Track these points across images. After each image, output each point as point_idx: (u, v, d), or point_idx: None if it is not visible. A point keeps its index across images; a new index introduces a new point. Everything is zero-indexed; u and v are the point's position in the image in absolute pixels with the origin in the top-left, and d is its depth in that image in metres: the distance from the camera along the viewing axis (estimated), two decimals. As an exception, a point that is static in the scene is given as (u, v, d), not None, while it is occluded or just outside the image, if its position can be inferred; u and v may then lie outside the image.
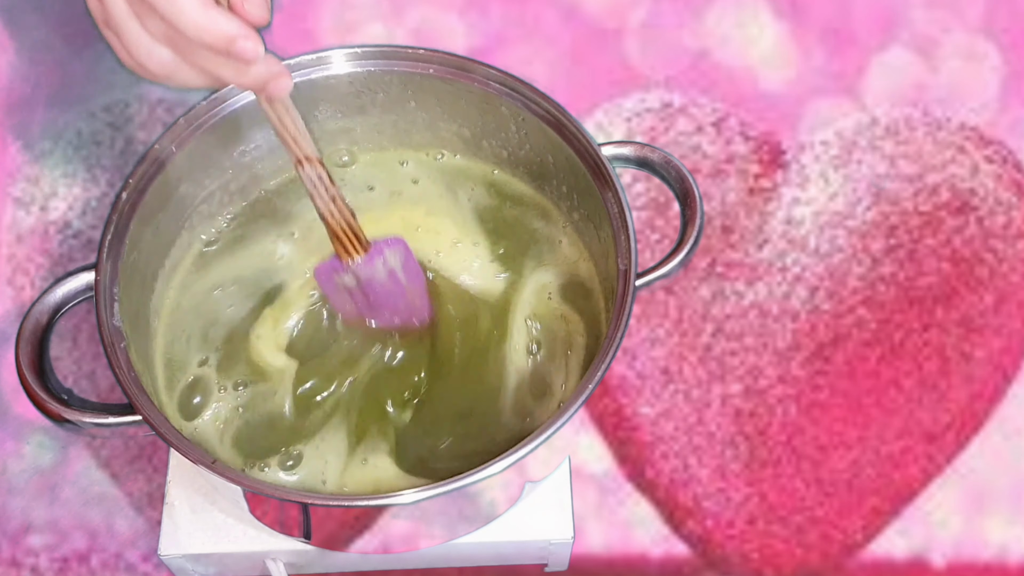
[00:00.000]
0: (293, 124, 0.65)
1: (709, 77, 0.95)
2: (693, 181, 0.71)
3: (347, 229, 0.69)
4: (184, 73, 0.59)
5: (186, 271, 0.76)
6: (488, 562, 0.78)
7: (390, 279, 0.71)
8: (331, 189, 0.68)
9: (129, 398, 0.64)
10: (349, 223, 0.69)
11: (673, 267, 0.69)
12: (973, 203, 0.90)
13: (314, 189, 0.68)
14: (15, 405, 0.83)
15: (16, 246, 0.88)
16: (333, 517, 0.68)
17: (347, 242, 0.70)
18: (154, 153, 0.71)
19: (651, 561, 0.81)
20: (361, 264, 0.70)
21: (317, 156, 0.67)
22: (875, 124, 0.93)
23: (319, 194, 0.68)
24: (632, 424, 0.84)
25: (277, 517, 0.70)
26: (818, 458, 0.83)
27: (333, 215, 0.69)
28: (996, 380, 0.85)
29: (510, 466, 0.62)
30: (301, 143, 0.66)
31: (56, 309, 0.68)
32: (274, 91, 0.60)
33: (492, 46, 0.95)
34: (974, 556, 0.81)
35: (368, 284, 0.71)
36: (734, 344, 0.86)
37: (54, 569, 0.80)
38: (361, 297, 0.72)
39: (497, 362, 0.73)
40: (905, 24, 0.97)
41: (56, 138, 0.91)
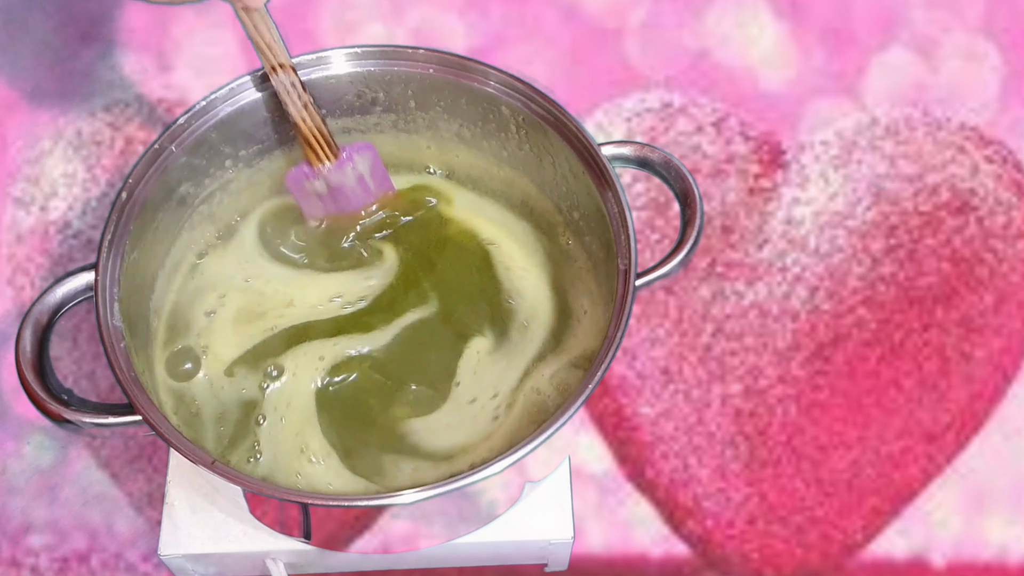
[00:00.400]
0: (268, 32, 0.68)
1: (709, 77, 0.95)
2: (693, 181, 0.71)
3: (318, 135, 0.73)
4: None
5: (186, 271, 0.76)
6: (488, 562, 0.78)
7: (359, 184, 0.75)
8: (303, 96, 0.71)
9: (129, 398, 0.64)
10: (320, 129, 0.72)
11: (673, 267, 0.69)
12: (973, 203, 0.90)
13: (287, 95, 0.71)
14: (15, 405, 0.83)
15: (16, 246, 0.88)
16: (333, 517, 0.68)
17: (318, 148, 0.73)
18: (154, 153, 0.71)
19: (651, 561, 0.81)
20: (331, 169, 0.74)
21: (290, 63, 0.70)
22: (875, 124, 0.93)
23: (292, 100, 0.71)
24: (632, 424, 0.84)
25: (277, 517, 0.70)
26: (818, 458, 0.83)
27: (305, 120, 0.72)
28: (996, 380, 0.85)
29: (510, 466, 0.62)
30: (276, 50, 0.69)
31: (56, 309, 0.68)
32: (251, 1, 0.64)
33: (492, 46, 0.95)
34: (974, 556, 0.81)
35: (338, 189, 0.75)
36: (734, 344, 0.86)
37: (54, 569, 0.80)
38: (330, 201, 0.75)
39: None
40: (905, 24, 0.97)
41: (56, 138, 0.91)
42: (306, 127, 0.72)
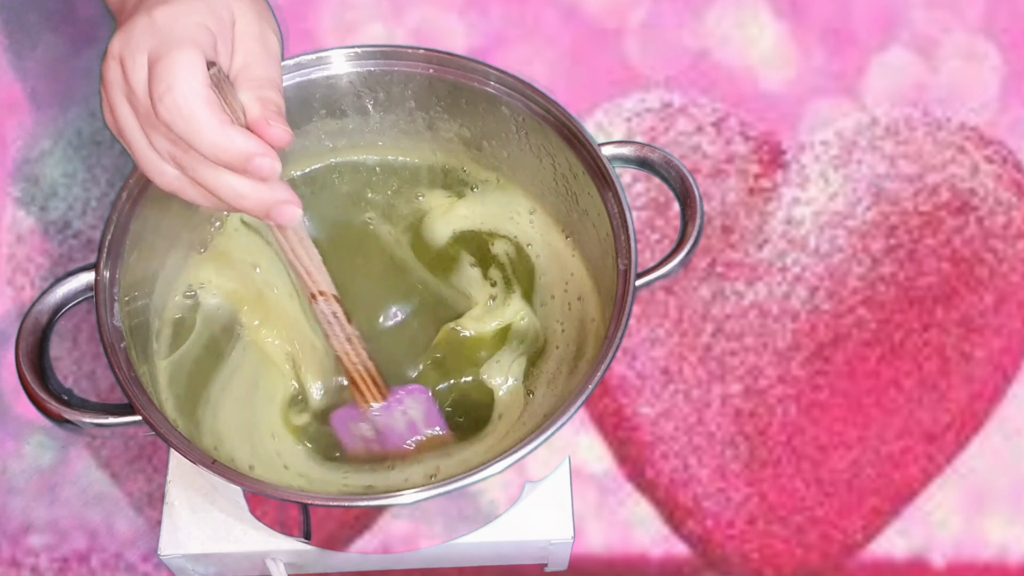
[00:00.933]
0: (307, 255, 0.63)
1: (709, 77, 0.95)
2: (693, 181, 0.71)
3: (363, 373, 0.67)
4: (190, 192, 0.59)
5: (186, 271, 0.76)
6: (488, 562, 0.78)
7: (408, 431, 0.69)
8: (347, 328, 0.66)
9: (129, 398, 0.64)
10: (366, 366, 0.67)
11: (673, 267, 0.69)
12: (973, 203, 0.90)
13: (328, 327, 0.66)
14: (15, 405, 0.83)
15: (16, 246, 0.88)
16: (333, 517, 0.68)
17: (363, 386, 0.67)
18: (154, 153, 0.71)
19: (651, 561, 0.81)
20: (379, 412, 0.68)
21: (333, 292, 0.65)
22: (875, 124, 0.93)
23: (334, 332, 0.66)
24: (632, 424, 0.84)
25: (277, 517, 0.70)
26: (818, 458, 0.83)
27: (348, 355, 0.66)
28: (996, 380, 0.85)
29: (510, 466, 0.62)
30: (315, 276, 0.64)
31: (56, 309, 0.68)
32: (280, 218, 0.58)
33: (492, 46, 0.95)
34: (974, 556, 0.81)
35: (385, 432, 0.69)
36: (734, 344, 0.86)
37: (54, 569, 0.80)
38: (376, 443, 0.69)
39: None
40: (905, 24, 0.97)
41: (56, 138, 0.91)
42: (349, 362, 0.66)
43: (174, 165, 0.58)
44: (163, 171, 0.58)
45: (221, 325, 0.75)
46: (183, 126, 0.55)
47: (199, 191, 0.59)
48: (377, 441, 0.69)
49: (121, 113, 0.57)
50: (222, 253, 0.76)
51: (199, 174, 0.57)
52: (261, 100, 0.58)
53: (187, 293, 0.75)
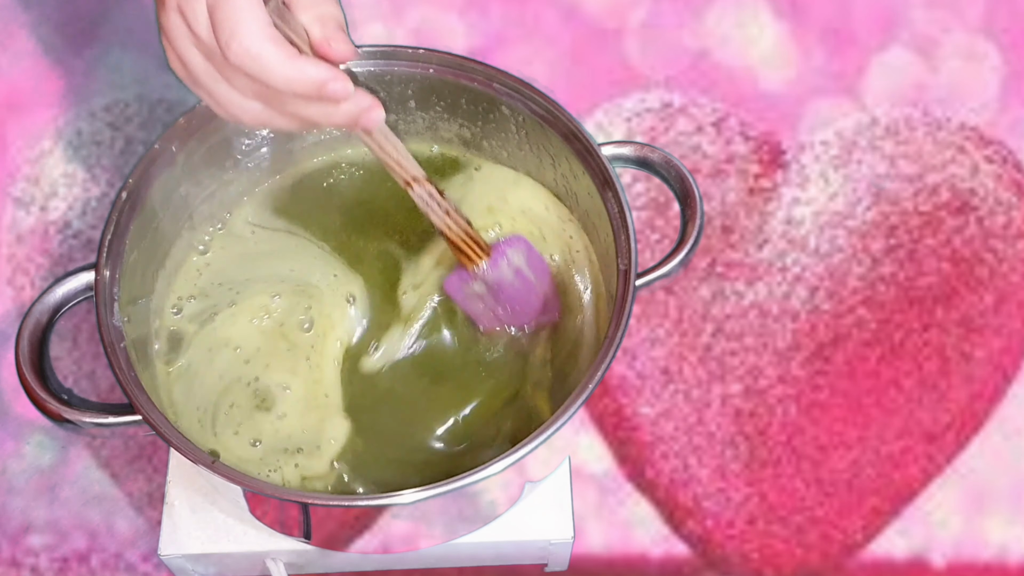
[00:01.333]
0: (395, 149, 0.66)
1: (709, 77, 0.95)
2: (693, 181, 0.71)
3: (466, 238, 0.70)
4: (278, 121, 0.60)
5: (186, 271, 0.76)
6: (488, 562, 0.78)
7: (518, 278, 0.72)
8: (444, 204, 0.69)
9: (129, 398, 0.64)
10: (467, 232, 0.70)
11: (673, 267, 0.69)
12: (973, 203, 0.90)
13: (427, 207, 0.69)
14: (15, 405, 0.83)
15: (16, 246, 0.88)
16: (333, 517, 0.68)
17: (469, 251, 0.70)
18: (154, 153, 0.71)
19: (651, 561, 0.81)
20: (487, 269, 0.71)
21: (424, 175, 0.68)
22: (875, 124, 0.93)
23: (433, 210, 0.69)
24: (632, 424, 0.84)
25: (277, 517, 0.70)
26: (818, 458, 0.83)
27: (451, 228, 0.70)
28: (996, 380, 0.85)
29: (510, 466, 0.62)
30: (406, 166, 0.67)
31: (56, 309, 0.68)
32: (366, 124, 0.61)
33: (492, 46, 0.95)
34: (974, 556, 0.81)
35: (497, 287, 0.72)
36: (734, 344, 0.86)
37: (54, 569, 0.80)
38: (493, 302, 0.72)
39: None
40: (905, 24, 0.97)
41: (56, 138, 0.91)
42: (452, 234, 0.70)
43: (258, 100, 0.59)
44: (247, 108, 0.60)
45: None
46: (254, 67, 0.56)
47: (287, 119, 0.60)
48: (492, 297, 0.72)
49: (193, 62, 0.59)
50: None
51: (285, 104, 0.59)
52: (320, 19, 0.60)
53: (185, 296, 0.75)
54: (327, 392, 0.72)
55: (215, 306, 0.75)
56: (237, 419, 0.71)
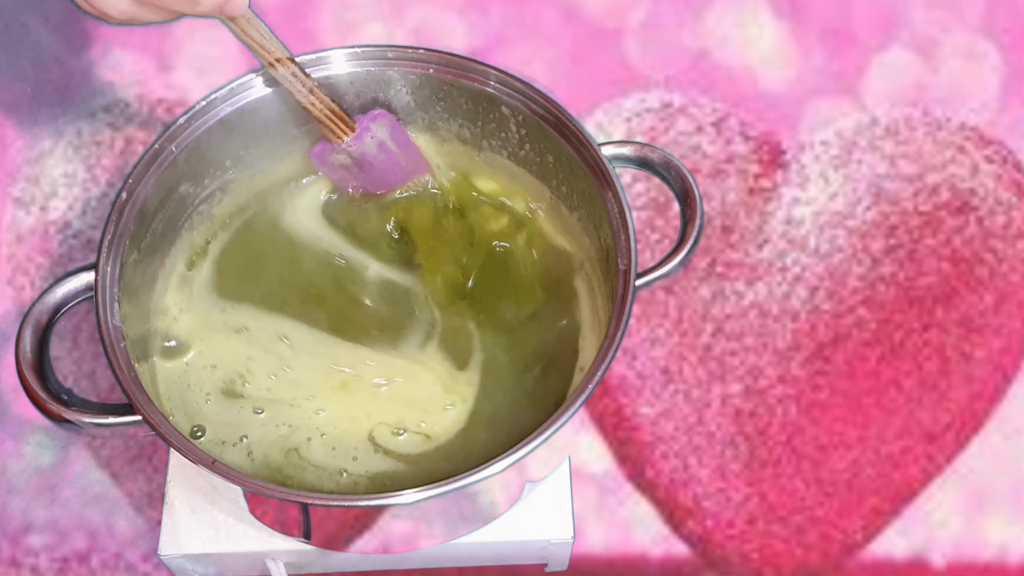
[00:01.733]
0: (258, 32, 0.70)
1: (709, 77, 0.95)
2: (693, 181, 0.71)
3: (330, 114, 0.73)
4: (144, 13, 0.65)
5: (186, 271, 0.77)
6: (488, 562, 0.78)
7: (381, 150, 0.75)
8: (307, 82, 0.72)
9: (129, 398, 0.64)
10: (331, 108, 0.73)
11: (673, 267, 0.69)
12: (973, 203, 0.90)
13: (291, 86, 0.72)
14: (15, 405, 0.83)
15: (16, 246, 0.88)
16: (333, 517, 0.68)
17: (334, 125, 0.74)
18: (154, 153, 0.71)
19: (651, 561, 0.81)
20: (351, 142, 0.75)
21: (287, 55, 0.71)
22: (875, 124, 0.93)
23: (297, 89, 0.72)
24: (632, 424, 0.84)
25: (277, 517, 0.70)
26: (818, 458, 0.83)
27: (315, 104, 0.73)
28: (996, 380, 0.85)
29: (510, 466, 0.62)
30: (269, 48, 0.71)
31: (56, 309, 0.68)
32: (230, 10, 0.66)
33: (492, 46, 0.95)
34: (974, 556, 0.81)
35: (362, 159, 0.75)
36: (734, 344, 0.86)
37: (54, 569, 0.80)
38: (358, 171, 0.76)
39: None
40: (905, 24, 0.97)
41: (56, 138, 0.91)
42: (316, 110, 0.73)
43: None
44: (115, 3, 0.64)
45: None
46: None
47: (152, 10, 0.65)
48: (360, 170, 0.76)
49: None
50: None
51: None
52: None
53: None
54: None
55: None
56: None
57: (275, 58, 0.71)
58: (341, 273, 0.77)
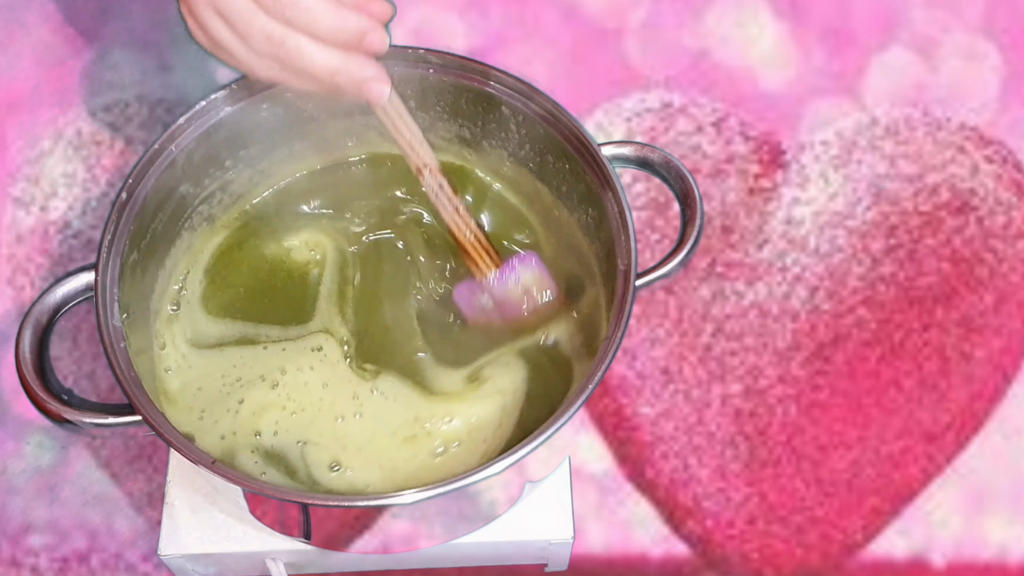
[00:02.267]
0: (408, 131, 0.68)
1: (709, 77, 0.95)
2: (693, 181, 0.71)
3: (474, 242, 0.70)
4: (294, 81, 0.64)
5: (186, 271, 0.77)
6: (488, 562, 0.78)
7: (525, 296, 0.72)
8: (454, 199, 0.69)
9: (129, 398, 0.64)
10: (476, 235, 0.70)
11: (673, 267, 0.69)
12: (973, 203, 0.90)
13: (436, 199, 0.69)
14: (15, 405, 0.83)
15: (16, 246, 0.88)
16: (333, 517, 0.68)
17: (476, 256, 0.70)
18: (154, 153, 0.71)
19: (651, 561, 0.81)
20: (494, 282, 0.71)
21: (437, 165, 0.68)
22: (875, 124, 0.93)
23: (442, 204, 0.69)
24: (632, 424, 0.84)
25: (277, 517, 0.70)
26: (818, 458, 0.83)
27: (459, 227, 0.70)
28: (996, 380, 0.85)
29: (510, 466, 0.62)
30: (419, 150, 0.68)
31: (56, 309, 0.68)
32: (369, 94, 0.64)
33: (492, 46, 0.95)
34: (974, 556, 0.81)
35: (501, 301, 0.72)
36: (734, 344, 0.86)
37: (54, 569, 0.80)
38: (495, 313, 0.73)
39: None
40: (905, 24, 0.97)
41: (56, 138, 0.91)
42: (460, 233, 0.70)
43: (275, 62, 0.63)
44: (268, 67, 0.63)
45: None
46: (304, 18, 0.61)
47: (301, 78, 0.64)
48: (496, 311, 0.72)
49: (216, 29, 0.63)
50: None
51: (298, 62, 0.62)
52: None
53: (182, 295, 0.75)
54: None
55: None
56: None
57: (423, 163, 0.68)
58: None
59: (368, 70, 0.63)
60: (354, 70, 0.63)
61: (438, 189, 0.69)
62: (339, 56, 0.62)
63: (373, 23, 0.62)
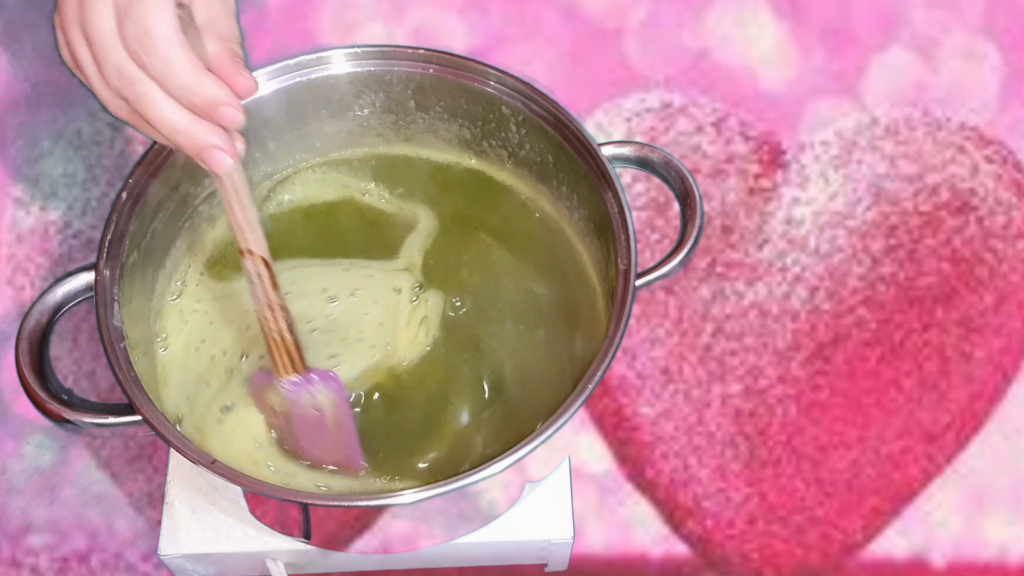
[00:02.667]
0: (240, 210, 0.62)
1: (709, 77, 0.95)
2: (693, 181, 0.71)
3: (279, 342, 0.66)
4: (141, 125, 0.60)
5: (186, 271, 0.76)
6: (488, 562, 0.78)
7: (314, 415, 0.67)
8: (270, 293, 0.64)
9: (129, 398, 0.64)
10: (283, 336, 0.65)
11: (673, 267, 0.69)
12: (973, 203, 0.90)
13: (252, 287, 0.65)
14: (15, 405, 0.83)
15: (16, 246, 0.88)
16: (333, 517, 0.68)
17: (278, 355, 0.66)
18: (154, 153, 0.71)
19: (651, 561, 0.81)
20: (289, 387, 0.66)
21: (263, 255, 0.64)
22: (875, 124, 0.93)
23: (256, 293, 0.65)
24: (632, 424, 0.84)
25: (277, 517, 0.70)
26: (818, 458, 0.83)
27: (268, 321, 0.65)
28: (996, 380, 0.85)
29: (510, 466, 0.62)
30: (246, 233, 0.63)
31: (56, 309, 0.68)
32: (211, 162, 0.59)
33: (492, 46, 0.95)
34: (974, 556, 0.81)
35: (293, 410, 0.67)
36: (734, 344, 0.86)
37: (54, 569, 0.80)
38: (284, 422, 0.69)
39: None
40: (905, 24, 0.97)
41: (56, 138, 0.91)
42: (267, 328, 0.65)
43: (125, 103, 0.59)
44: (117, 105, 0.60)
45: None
46: (159, 68, 0.57)
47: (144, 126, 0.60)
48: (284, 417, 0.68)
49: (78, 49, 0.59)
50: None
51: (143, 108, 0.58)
52: (229, 52, 0.60)
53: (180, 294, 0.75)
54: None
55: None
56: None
57: (248, 247, 0.63)
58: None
59: (213, 138, 0.58)
60: (198, 134, 0.58)
61: (256, 276, 0.64)
62: (186, 117, 0.58)
63: (230, 97, 0.58)
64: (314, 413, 0.67)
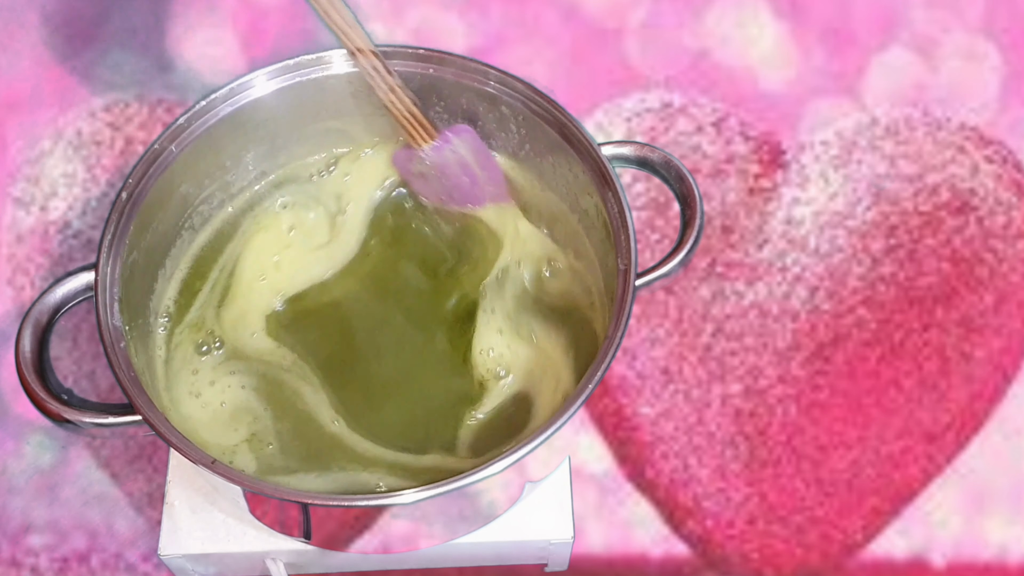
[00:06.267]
0: (340, 16, 0.69)
1: (709, 77, 0.95)
2: (693, 181, 0.71)
3: (410, 117, 0.73)
4: None
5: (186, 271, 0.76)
6: (488, 562, 0.78)
7: (463, 171, 0.75)
8: (388, 79, 0.71)
9: (129, 398, 0.64)
10: (411, 111, 0.72)
11: (673, 267, 0.69)
12: (973, 203, 0.90)
13: (372, 80, 0.71)
14: (15, 405, 0.83)
15: (16, 246, 0.88)
16: (333, 517, 0.68)
17: (412, 130, 0.73)
18: (154, 153, 0.71)
19: (651, 561, 0.81)
20: (430, 152, 0.74)
21: (371, 47, 0.70)
22: (875, 124, 0.93)
23: (377, 84, 0.71)
24: (632, 424, 0.84)
25: (277, 517, 0.70)
26: (818, 458, 0.83)
27: (394, 104, 0.72)
28: (996, 380, 0.85)
29: (510, 466, 0.62)
30: (351, 35, 0.70)
31: (56, 309, 0.68)
32: None
33: (492, 46, 0.95)
34: (974, 556, 0.81)
35: (441, 170, 0.74)
36: (734, 344, 0.86)
37: (54, 569, 0.80)
38: (437, 183, 0.75)
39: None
40: (905, 24, 0.97)
41: (56, 138, 0.91)
42: (396, 110, 0.72)
43: None
44: None
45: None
46: None
47: None
48: (439, 183, 0.75)
49: None
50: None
51: None
52: None
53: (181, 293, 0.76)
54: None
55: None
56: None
57: (356, 47, 0.71)
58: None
59: None
60: None
61: (372, 70, 0.71)
62: None
63: None
64: (461, 165, 0.74)
